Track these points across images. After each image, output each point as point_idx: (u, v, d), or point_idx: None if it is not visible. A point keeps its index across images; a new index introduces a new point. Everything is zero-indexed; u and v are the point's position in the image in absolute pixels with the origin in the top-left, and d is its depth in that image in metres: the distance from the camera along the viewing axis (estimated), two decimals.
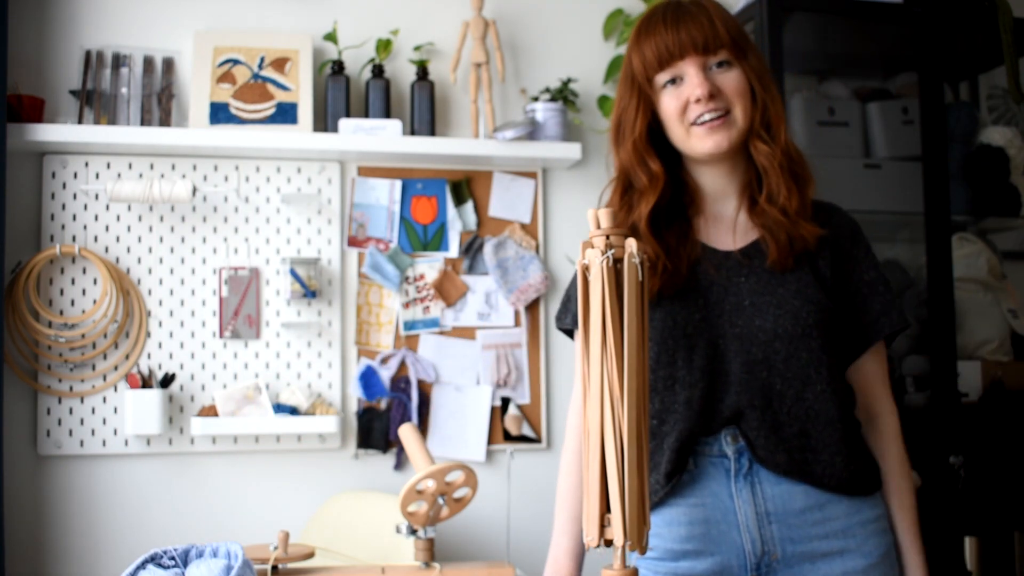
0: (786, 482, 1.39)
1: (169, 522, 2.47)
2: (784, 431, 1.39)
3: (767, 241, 1.43)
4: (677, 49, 1.40)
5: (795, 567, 1.39)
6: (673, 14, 1.42)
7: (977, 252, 2.67)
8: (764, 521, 1.38)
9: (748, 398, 1.38)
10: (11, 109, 2.35)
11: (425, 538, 1.82)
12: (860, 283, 1.47)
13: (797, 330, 1.39)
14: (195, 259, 2.53)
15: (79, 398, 2.43)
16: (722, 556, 1.38)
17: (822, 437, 1.39)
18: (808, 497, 1.39)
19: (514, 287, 2.66)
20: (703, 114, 1.40)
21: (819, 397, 1.40)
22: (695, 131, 1.42)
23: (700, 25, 1.40)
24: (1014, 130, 2.70)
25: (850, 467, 1.40)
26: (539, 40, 2.79)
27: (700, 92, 1.39)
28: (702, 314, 1.41)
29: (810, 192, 1.46)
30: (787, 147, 1.44)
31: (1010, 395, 2.51)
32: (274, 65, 2.57)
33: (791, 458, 1.38)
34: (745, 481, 1.39)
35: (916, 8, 2.43)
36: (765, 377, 1.39)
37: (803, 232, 1.42)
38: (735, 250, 1.46)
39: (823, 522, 1.39)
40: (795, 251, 1.42)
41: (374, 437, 2.57)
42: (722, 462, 1.40)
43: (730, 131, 1.41)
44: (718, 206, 1.50)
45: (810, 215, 1.45)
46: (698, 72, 1.40)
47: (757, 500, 1.39)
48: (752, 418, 1.38)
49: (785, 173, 1.43)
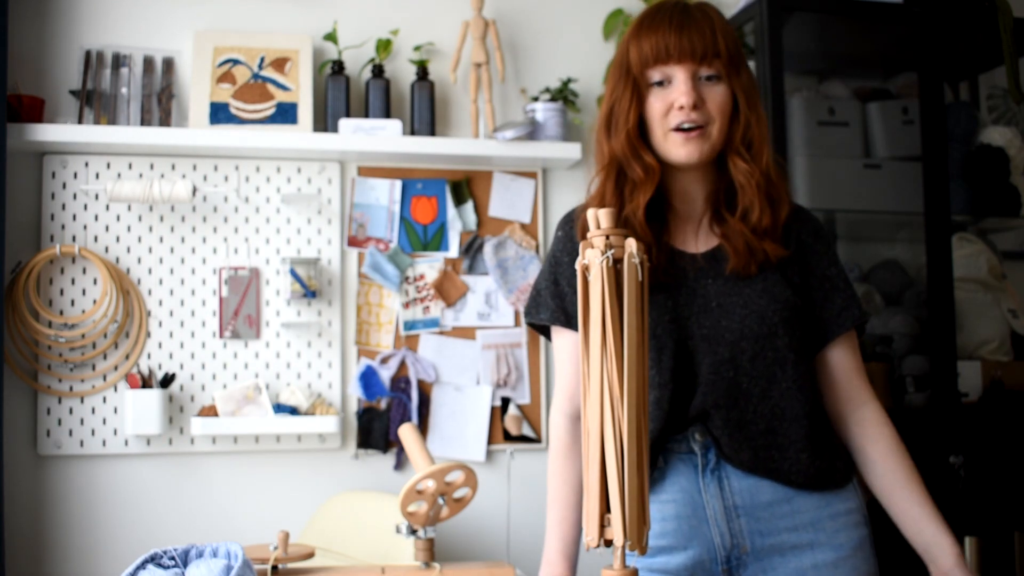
0: (753, 476, 1.41)
1: (169, 522, 2.47)
2: (750, 429, 1.41)
3: (727, 249, 1.45)
4: (675, 52, 1.41)
5: (764, 560, 1.40)
6: (679, 16, 1.43)
7: (977, 252, 2.67)
8: (732, 515, 1.40)
9: (714, 398, 1.40)
10: (11, 109, 2.35)
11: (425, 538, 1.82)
12: (822, 278, 1.49)
13: (763, 330, 1.41)
14: (195, 259, 2.53)
15: (79, 398, 2.43)
16: (694, 550, 1.40)
17: (788, 434, 1.41)
18: (775, 491, 1.41)
19: (514, 287, 2.66)
20: (683, 122, 1.42)
21: (785, 395, 1.42)
22: (672, 137, 1.43)
23: (702, 34, 1.41)
24: (1014, 130, 2.70)
25: (816, 463, 1.42)
26: (539, 40, 2.79)
27: (685, 100, 1.40)
28: (671, 315, 1.42)
29: (783, 214, 1.47)
30: (767, 168, 1.46)
31: (1010, 395, 2.51)
32: (274, 65, 2.57)
33: (756, 456, 1.40)
34: (712, 476, 1.42)
35: (916, 8, 2.43)
36: (732, 376, 1.41)
37: (766, 247, 1.43)
38: (702, 252, 1.48)
39: (791, 515, 1.41)
40: (757, 260, 1.44)
41: (374, 437, 2.57)
42: (690, 458, 1.43)
43: (703, 145, 1.43)
44: (687, 207, 1.51)
45: (780, 237, 1.46)
46: (687, 79, 1.41)
47: (725, 494, 1.41)
48: (718, 418, 1.40)
49: (761, 193, 1.45)
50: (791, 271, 1.47)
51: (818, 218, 1.57)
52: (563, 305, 1.50)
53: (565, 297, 1.50)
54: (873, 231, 2.75)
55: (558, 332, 1.52)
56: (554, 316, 1.50)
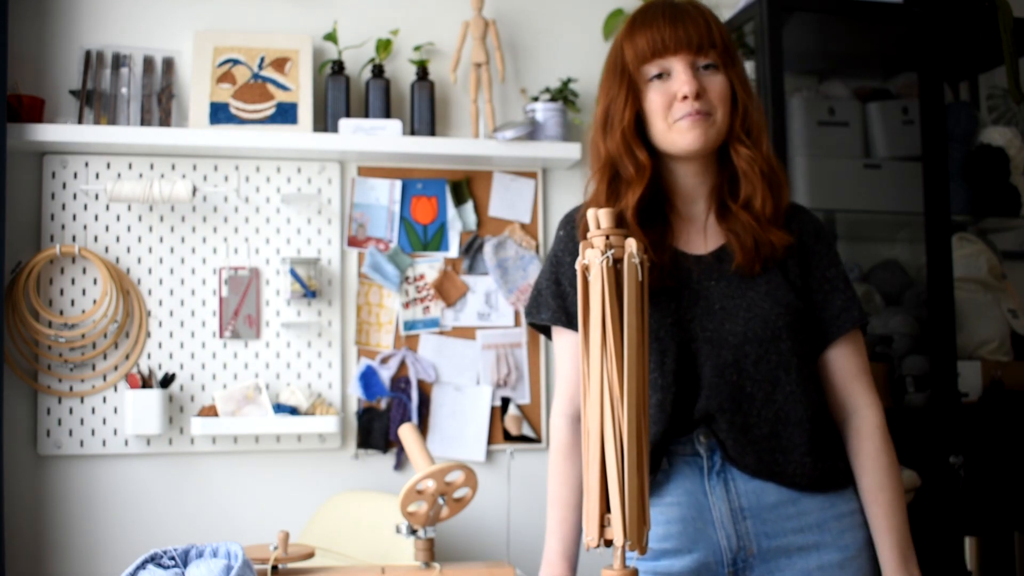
0: (758, 479, 1.40)
1: (169, 522, 2.47)
2: (754, 433, 1.40)
3: (733, 245, 1.45)
4: (672, 44, 1.41)
5: (771, 561, 1.40)
6: (671, 10, 1.44)
7: (977, 252, 2.67)
8: (739, 517, 1.40)
9: (718, 402, 1.40)
10: (11, 109, 2.35)
11: (425, 538, 1.82)
12: (822, 279, 1.49)
13: (767, 333, 1.41)
14: (195, 259, 2.53)
15: (79, 398, 2.43)
16: (700, 553, 1.39)
17: (792, 438, 1.41)
18: (781, 493, 1.40)
19: (514, 287, 2.66)
20: (688, 113, 1.41)
21: (789, 398, 1.41)
22: (677, 126, 1.42)
23: (696, 25, 1.42)
24: (1014, 130, 2.71)
25: (820, 465, 1.41)
26: (539, 40, 2.79)
27: (688, 90, 1.40)
28: (674, 318, 1.42)
29: (784, 201, 1.48)
30: (768, 154, 1.47)
31: (1010, 395, 2.51)
32: (274, 65, 2.57)
33: (760, 459, 1.40)
34: (718, 478, 1.41)
35: (916, 8, 2.43)
36: (735, 380, 1.40)
37: (772, 238, 1.44)
38: (706, 253, 1.47)
39: (797, 516, 1.41)
40: (762, 256, 1.44)
41: (374, 437, 2.57)
42: (695, 460, 1.42)
43: (709, 130, 1.43)
44: (689, 207, 1.51)
45: (782, 224, 1.46)
46: (686, 69, 1.41)
47: (731, 496, 1.40)
48: (723, 421, 1.40)
49: (764, 179, 1.45)
50: (792, 272, 1.47)
51: (819, 218, 1.56)
52: (564, 305, 1.49)
53: (567, 297, 1.49)
54: (873, 231, 2.75)
55: (559, 332, 1.52)
56: (555, 316, 1.50)
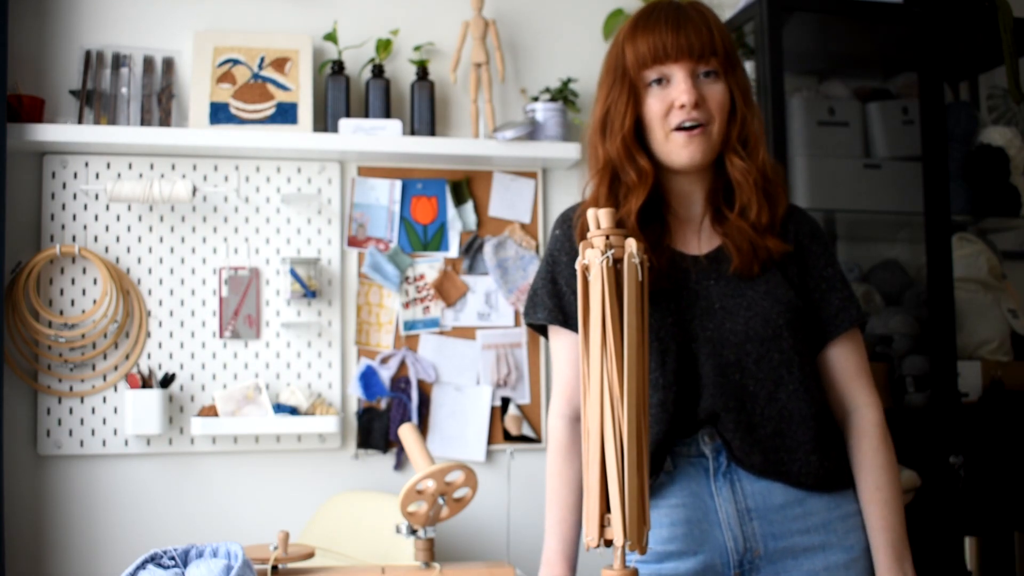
0: (765, 479, 1.40)
1: (169, 522, 2.47)
2: (759, 432, 1.40)
3: (730, 249, 1.45)
4: (673, 51, 1.40)
5: (778, 563, 1.39)
6: (674, 15, 1.42)
7: (977, 252, 2.67)
8: (745, 518, 1.39)
9: (722, 401, 1.39)
10: (11, 109, 2.35)
11: (425, 538, 1.82)
12: (820, 279, 1.49)
13: (768, 332, 1.40)
14: (195, 259, 2.53)
15: (79, 398, 2.43)
16: (706, 555, 1.39)
17: (796, 436, 1.40)
18: (787, 493, 1.40)
19: (514, 287, 2.66)
20: (684, 121, 1.41)
21: (792, 397, 1.41)
22: (674, 137, 1.42)
23: (699, 31, 1.41)
24: (1014, 130, 2.70)
25: (825, 464, 1.41)
26: (539, 40, 2.79)
27: (686, 99, 1.39)
28: (674, 318, 1.42)
29: (780, 210, 1.48)
30: (763, 165, 1.46)
31: (1010, 395, 2.51)
32: (274, 65, 2.57)
33: (766, 459, 1.39)
34: (725, 479, 1.41)
35: (916, 8, 2.43)
36: (738, 379, 1.40)
37: (768, 244, 1.43)
38: (703, 254, 1.47)
39: (803, 517, 1.40)
40: (760, 259, 1.44)
41: (374, 437, 2.57)
42: (700, 462, 1.42)
43: (704, 145, 1.42)
44: (686, 210, 1.50)
45: (779, 231, 1.46)
46: (687, 78, 1.41)
47: (737, 497, 1.40)
48: (728, 420, 1.39)
49: (758, 190, 1.45)
50: (791, 271, 1.47)
51: (815, 219, 1.56)
52: (560, 305, 1.48)
53: (563, 297, 1.49)
54: (873, 231, 2.75)
55: (555, 332, 1.51)
56: (551, 316, 1.49)
